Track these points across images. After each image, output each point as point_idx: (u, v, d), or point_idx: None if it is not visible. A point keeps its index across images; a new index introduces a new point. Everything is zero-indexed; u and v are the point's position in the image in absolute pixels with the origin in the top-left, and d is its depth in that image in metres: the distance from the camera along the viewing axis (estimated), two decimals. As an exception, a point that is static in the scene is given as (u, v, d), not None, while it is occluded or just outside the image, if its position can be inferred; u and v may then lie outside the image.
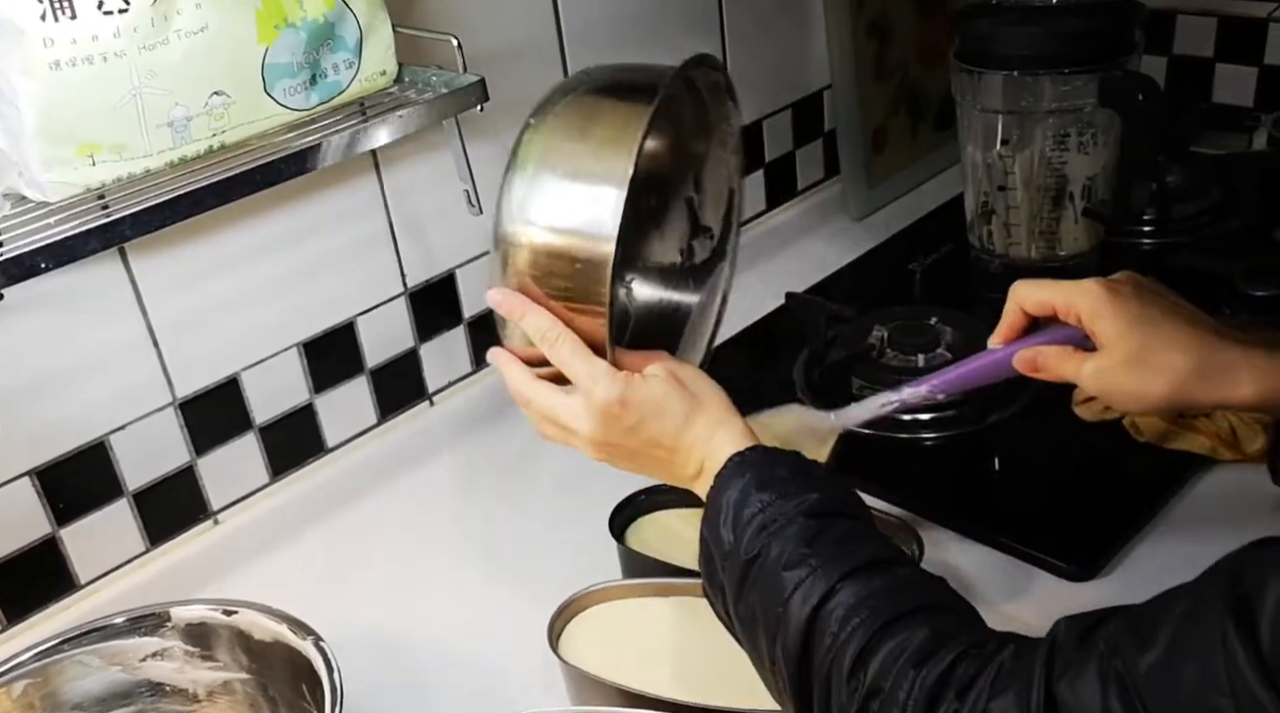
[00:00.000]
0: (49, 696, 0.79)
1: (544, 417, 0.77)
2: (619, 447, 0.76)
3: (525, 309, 0.74)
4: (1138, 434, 1.02)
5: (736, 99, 0.84)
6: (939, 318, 1.17)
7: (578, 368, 0.74)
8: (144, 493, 0.98)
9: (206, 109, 0.80)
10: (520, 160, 0.73)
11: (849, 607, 0.63)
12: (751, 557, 0.67)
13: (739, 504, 0.69)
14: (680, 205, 0.90)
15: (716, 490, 0.71)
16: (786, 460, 0.72)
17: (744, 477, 0.70)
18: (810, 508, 0.67)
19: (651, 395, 0.74)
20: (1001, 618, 0.88)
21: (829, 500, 0.69)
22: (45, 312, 0.89)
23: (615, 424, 0.74)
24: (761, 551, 0.66)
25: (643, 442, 0.75)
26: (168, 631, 0.81)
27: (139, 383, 0.96)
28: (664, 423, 0.74)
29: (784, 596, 0.65)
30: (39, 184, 0.76)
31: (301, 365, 1.06)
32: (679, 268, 0.91)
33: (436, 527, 1.07)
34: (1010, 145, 1.22)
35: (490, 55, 0.99)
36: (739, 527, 0.68)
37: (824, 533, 0.66)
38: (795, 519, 0.67)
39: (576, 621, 0.88)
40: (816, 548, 0.65)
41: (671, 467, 0.76)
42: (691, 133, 0.86)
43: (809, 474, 0.71)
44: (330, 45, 0.86)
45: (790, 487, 0.69)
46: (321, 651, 0.76)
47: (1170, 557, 0.92)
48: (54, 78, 0.72)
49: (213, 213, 0.84)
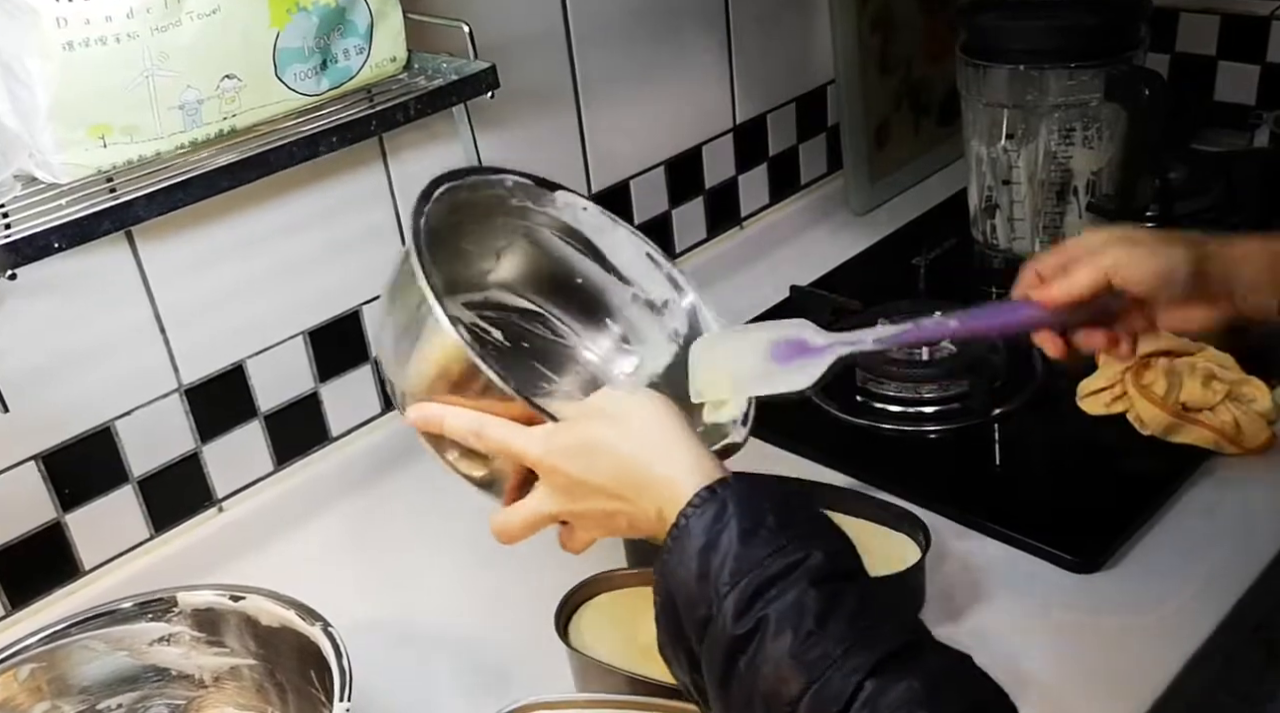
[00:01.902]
0: (56, 679, 0.79)
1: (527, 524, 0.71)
2: (586, 512, 0.68)
3: (443, 413, 0.70)
4: (1142, 427, 1.02)
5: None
6: (943, 312, 1.17)
7: (513, 442, 0.68)
8: (149, 479, 0.98)
9: (218, 92, 0.80)
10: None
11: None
12: (743, 634, 0.56)
13: (720, 560, 0.58)
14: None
15: (679, 535, 0.60)
16: (771, 496, 0.61)
17: (719, 519, 0.59)
18: (815, 573, 0.57)
19: (568, 441, 0.67)
20: (1006, 610, 0.89)
21: (833, 558, 0.59)
22: (53, 296, 0.89)
23: (568, 489, 0.67)
24: (758, 628, 0.56)
25: (592, 493, 0.66)
26: (175, 616, 0.81)
27: (145, 369, 0.96)
28: (594, 464, 0.66)
29: (794, 694, 0.54)
30: (50, 165, 0.75)
31: (307, 354, 1.06)
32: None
33: (441, 515, 1.07)
34: (1015, 140, 1.22)
35: (499, 44, 0.99)
36: (719, 591, 0.57)
37: (837, 608, 0.56)
38: (795, 588, 0.56)
39: (583, 608, 0.88)
40: (829, 632, 0.55)
41: (633, 517, 0.66)
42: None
43: (803, 517, 0.61)
44: (341, 30, 0.86)
45: (783, 537, 0.58)
46: (330, 636, 0.76)
47: (1174, 550, 0.93)
48: (67, 59, 0.72)
49: (219, 199, 0.84)
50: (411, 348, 0.71)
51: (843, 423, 1.11)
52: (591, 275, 0.88)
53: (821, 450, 1.06)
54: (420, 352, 0.70)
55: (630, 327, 0.89)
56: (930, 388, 1.11)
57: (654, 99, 1.25)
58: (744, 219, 1.43)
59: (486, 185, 0.82)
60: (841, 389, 1.13)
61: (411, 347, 0.71)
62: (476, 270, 0.86)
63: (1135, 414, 1.03)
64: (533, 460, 0.68)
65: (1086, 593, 0.90)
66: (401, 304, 0.72)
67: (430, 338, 0.69)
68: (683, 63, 1.26)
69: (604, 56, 1.20)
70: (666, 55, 1.26)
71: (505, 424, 0.68)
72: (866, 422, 1.11)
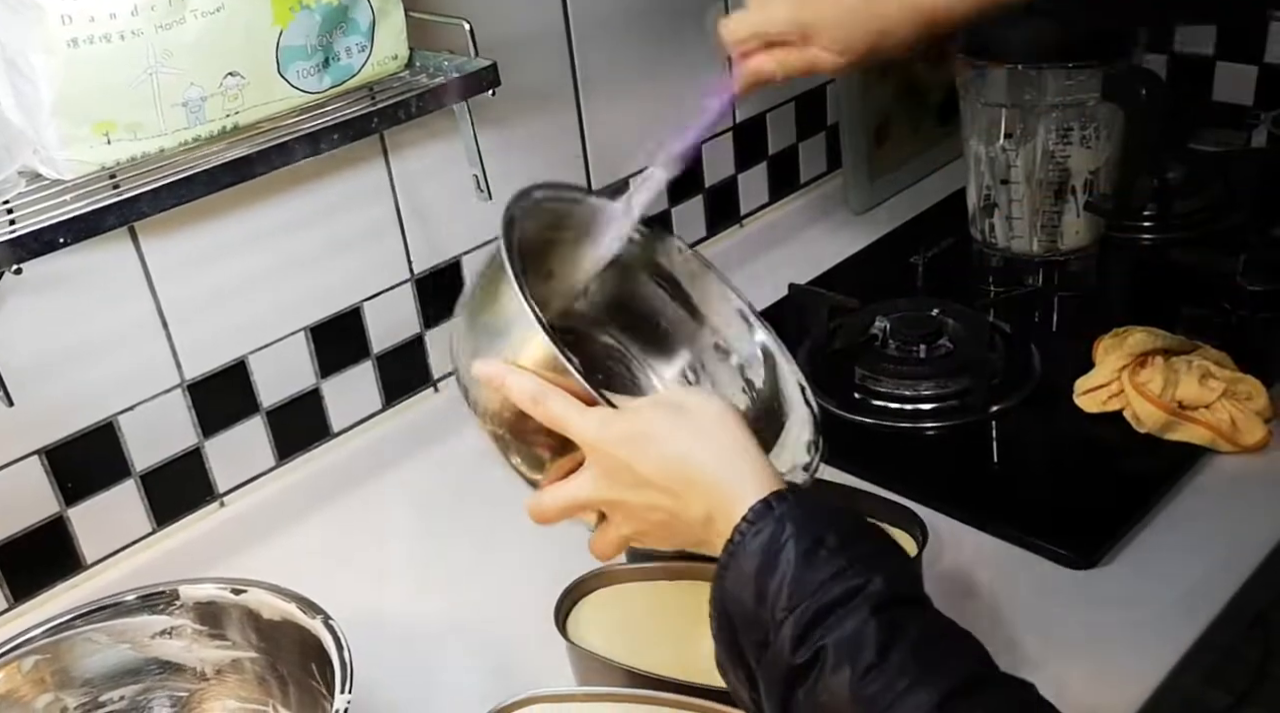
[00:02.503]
0: (59, 671, 0.80)
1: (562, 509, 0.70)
2: (629, 506, 0.66)
3: (505, 375, 0.67)
4: (1139, 425, 1.03)
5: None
6: (941, 310, 1.18)
7: (570, 418, 0.65)
8: (151, 474, 0.99)
9: (221, 90, 0.80)
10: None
11: None
12: (802, 664, 0.55)
13: (777, 583, 0.56)
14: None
15: (735, 553, 0.59)
16: (831, 517, 0.59)
17: (777, 539, 0.57)
18: (878, 600, 0.55)
19: (629, 428, 0.64)
20: (1002, 605, 0.89)
21: (894, 583, 0.56)
22: (56, 291, 0.89)
23: (611, 476, 0.65)
24: (817, 659, 0.54)
25: (640, 486, 0.64)
26: (177, 609, 0.82)
27: (147, 364, 0.97)
28: (648, 455, 0.63)
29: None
30: (55, 161, 0.76)
31: (308, 349, 1.07)
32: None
33: (441, 510, 1.08)
34: (1013, 139, 1.23)
35: (500, 42, 0.99)
36: (776, 615, 0.56)
37: (900, 637, 0.54)
38: (856, 616, 0.54)
39: (583, 603, 0.88)
40: (892, 663, 0.53)
41: (676, 515, 0.64)
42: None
43: (864, 539, 0.59)
44: (344, 28, 0.86)
45: (843, 562, 0.56)
46: (331, 629, 0.77)
47: (1169, 546, 0.93)
48: (72, 55, 0.72)
49: (221, 195, 0.84)
50: (491, 339, 0.70)
51: (841, 420, 1.12)
52: (675, 319, 0.87)
53: (820, 447, 1.07)
54: (500, 341, 0.69)
55: (703, 372, 0.88)
56: (928, 385, 1.11)
57: (654, 97, 1.26)
58: (743, 217, 1.44)
59: (581, 207, 0.81)
60: (840, 386, 1.14)
61: (491, 338, 0.70)
62: (560, 295, 0.84)
63: (1132, 412, 1.04)
64: (585, 440, 0.66)
65: (1082, 589, 0.90)
66: (486, 295, 0.71)
67: (513, 328, 0.68)
68: (682, 61, 1.26)
69: (604, 55, 1.20)
70: (666, 53, 1.26)
71: (567, 398, 0.66)
72: (864, 419, 1.12)
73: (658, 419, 0.64)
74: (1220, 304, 1.17)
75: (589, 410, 0.65)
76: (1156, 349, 1.06)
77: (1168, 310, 1.15)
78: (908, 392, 1.12)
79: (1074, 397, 1.08)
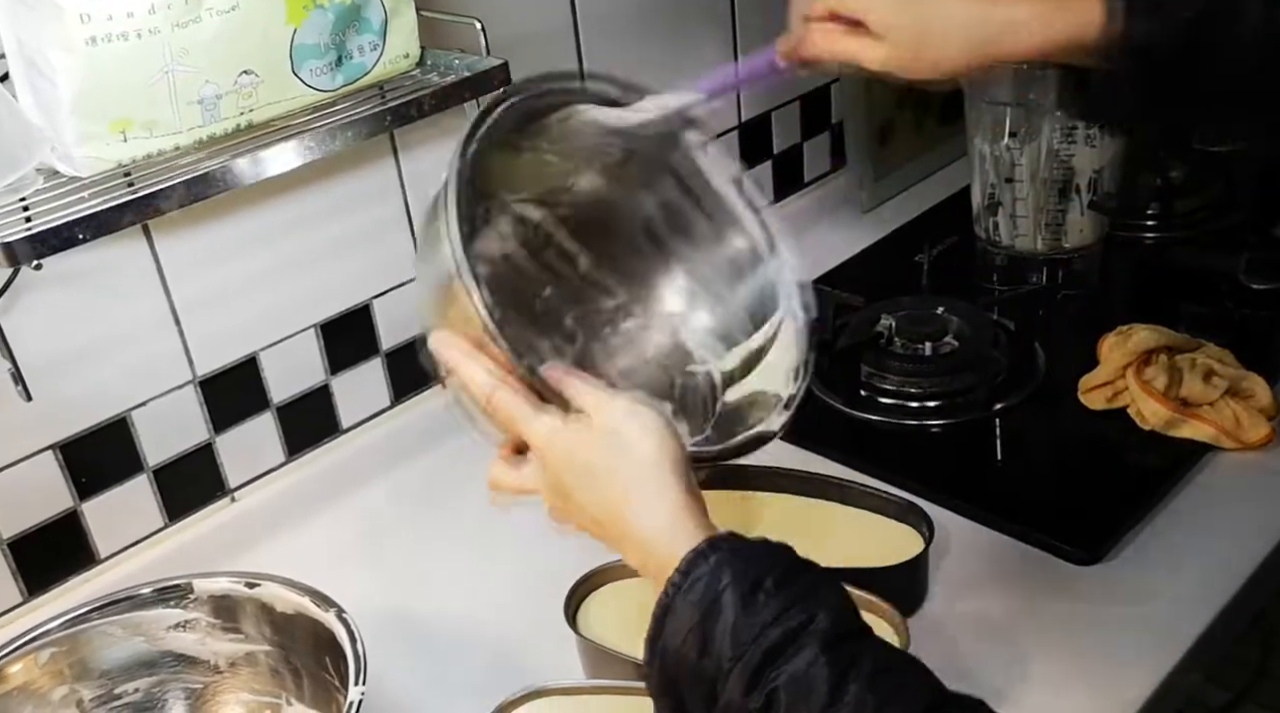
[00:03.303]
0: (76, 663, 0.81)
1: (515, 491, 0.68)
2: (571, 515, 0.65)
3: (459, 364, 0.64)
4: (1143, 422, 1.04)
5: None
6: (945, 308, 1.19)
7: (518, 422, 0.63)
8: (163, 469, 1.00)
9: (236, 88, 0.81)
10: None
11: None
12: (757, 709, 0.54)
13: (721, 628, 0.55)
14: None
15: (671, 605, 0.57)
16: (767, 558, 0.58)
17: (716, 588, 0.56)
18: (825, 637, 0.54)
19: (569, 445, 0.63)
20: (1007, 600, 0.90)
21: (840, 619, 0.56)
22: (70, 288, 0.90)
23: (554, 486, 0.64)
24: (772, 702, 0.53)
25: (578, 507, 0.64)
26: (192, 602, 0.83)
27: (160, 360, 0.98)
28: (586, 483, 0.62)
29: None
30: (72, 158, 0.77)
31: (318, 346, 1.08)
32: None
33: (450, 506, 1.08)
34: (1018, 138, 1.24)
35: (510, 41, 1.00)
36: (723, 663, 0.55)
37: (853, 673, 0.53)
38: (804, 653, 0.54)
39: (592, 596, 0.89)
40: (853, 695, 0.53)
41: (614, 542, 0.64)
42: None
43: (802, 575, 0.58)
44: (356, 27, 0.87)
45: (784, 601, 0.55)
46: (344, 622, 0.77)
47: (1173, 543, 0.94)
48: (90, 54, 0.73)
49: (233, 192, 0.85)
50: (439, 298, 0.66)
51: (847, 417, 1.13)
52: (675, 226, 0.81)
53: (826, 443, 1.07)
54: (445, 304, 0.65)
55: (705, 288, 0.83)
56: (933, 383, 1.12)
57: (660, 96, 1.26)
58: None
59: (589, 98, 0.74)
60: (846, 384, 1.15)
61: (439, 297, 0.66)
62: (548, 184, 0.77)
63: (1136, 409, 1.04)
64: (534, 445, 0.64)
65: (1086, 585, 0.91)
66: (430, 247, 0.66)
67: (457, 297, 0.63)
68: (689, 59, 1.27)
69: (611, 53, 1.21)
70: (672, 52, 1.27)
71: (516, 400, 0.63)
72: (870, 416, 1.12)
73: (598, 452, 0.62)
74: (1223, 302, 1.18)
75: (540, 415, 0.63)
76: (1160, 347, 1.06)
77: (1171, 308, 1.16)
78: (913, 389, 1.13)
79: (1078, 394, 1.09)
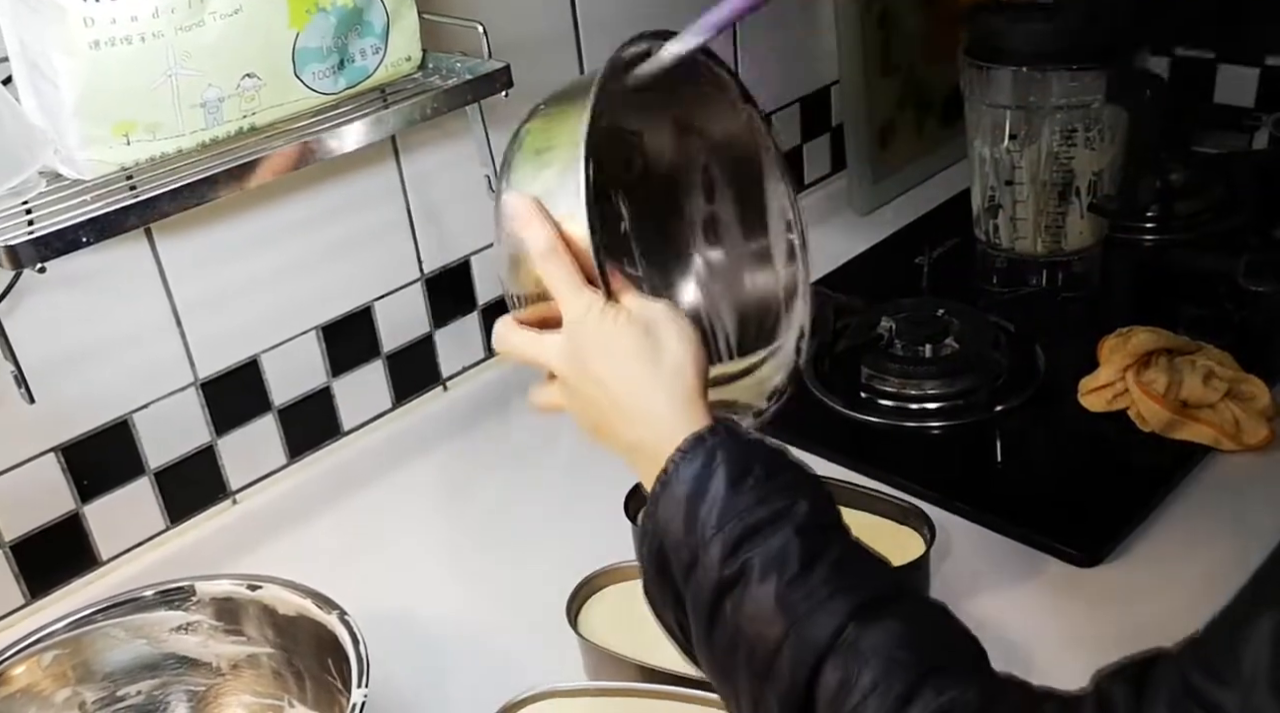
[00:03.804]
0: (79, 665, 0.81)
1: (525, 357, 0.71)
2: (576, 393, 0.68)
3: (531, 219, 0.67)
4: (1143, 424, 1.04)
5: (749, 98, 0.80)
6: (946, 310, 1.19)
7: (562, 289, 0.66)
8: (165, 471, 1.00)
9: (238, 91, 0.81)
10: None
11: (863, 657, 0.55)
12: (729, 577, 0.58)
13: (708, 506, 0.59)
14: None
15: (668, 480, 0.61)
16: (759, 448, 0.62)
17: (708, 467, 0.60)
18: (802, 522, 0.59)
19: (603, 332, 0.65)
20: (1009, 602, 0.90)
21: (819, 510, 0.60)
22: (72, 291, 0.90)
23: (574, 357, 0.67)
24: (742, 573, 0.58)
25: (591, 383, 0.66)
26: (194, 605, 0.83)
27: (162, 362, 0.98)
28: (606, 366, 0.65)
29: (777, 635, 0.56)
30: (75, 162, 0.77)
31: (320, 348, 1.08)
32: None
33: (451, 509, 1.09)
34: (1017, 141, 1.24)
35: (512, 43, 1.00)
36: (705, 535, 0.59)
37: (821, 557, 0.58)
38: (780, 535, 0.58)
39: (594, 599, 0.89)
40: (815, 577, 0.57)
41: (613, 425, 0.66)
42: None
43: (788, 469, 0.62)
44: (359, 30, 0.87)
45: (770, 488, 0.60)
46: (347, 624, 0.77)
47: (1174, 544, 0.94)
48: (93, 57, 0.73)
49: (235, 195, 0.85)
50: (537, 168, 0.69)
51: (847, 419, 1.13)
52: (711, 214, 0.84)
53: (827, 446, 1.08)
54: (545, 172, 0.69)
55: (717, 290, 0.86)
56: (934, 385, 1.12)
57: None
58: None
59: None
60: (846, 385, 1.15)
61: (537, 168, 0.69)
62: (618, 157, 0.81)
63: (1136, 411, 1.05)
64: (566, 318, 0.67)
65: (1088, 586, 0.91)
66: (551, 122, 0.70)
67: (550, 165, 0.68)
68: (690, 63, 1.27)
69: (612, 56, 1.21)
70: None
71: (568, 270, 0.66)
72: (871, 418, 1.13)
73: (630, 339, 0.65)
74: (1222, 304, 1.18)
75: (583, 291, 0.66)
76: (1160, 349, 1.07)
77: (1171, 310, 1.16)
78: (913, 391, 1.13)
79: (1078, 396, 1.09)
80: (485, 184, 1.04)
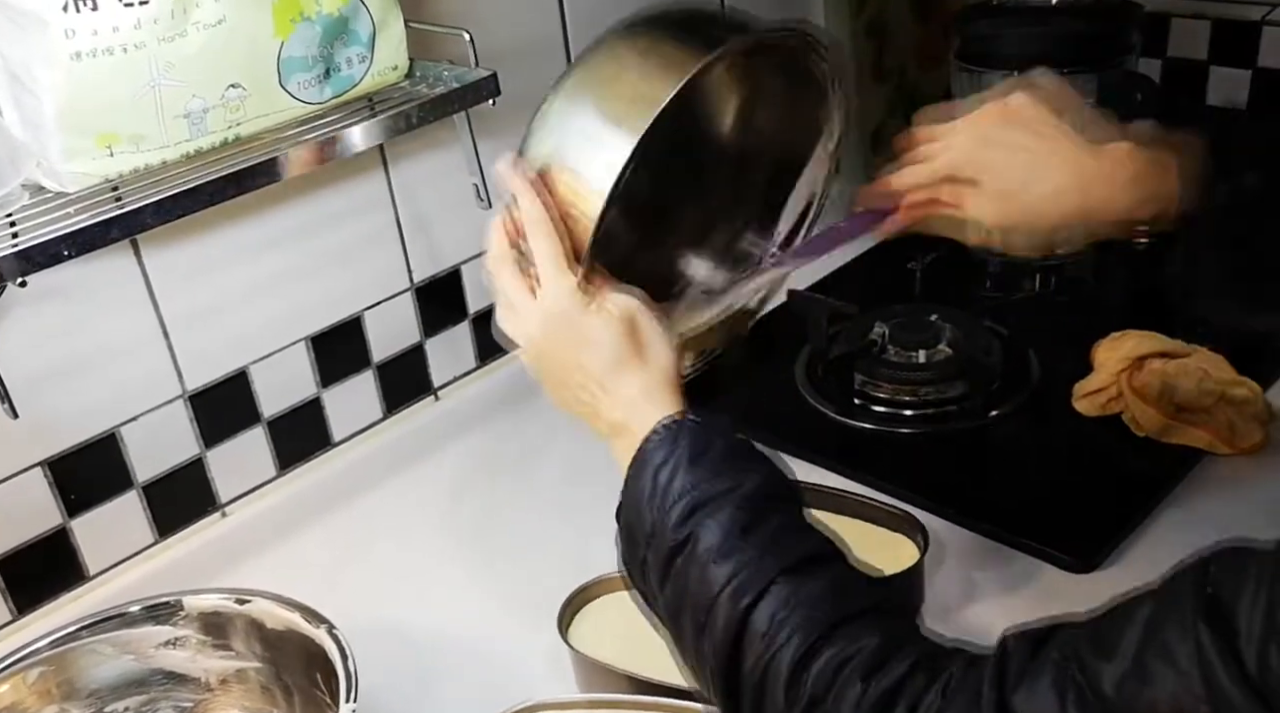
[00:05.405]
0: (64, 682, 0.80)
1: (504, 298, 0.74)
2: (552, 361, 0.73)
3: (524, 188, 0.70)
4: (1137, 429, 1.04)
5: (838, 91, 0.82)
6: (939, 315, 1.19)
7: (545, 267, 0.70)
8: (153, 485, 0.99)
9: (223, 101, 0.81)
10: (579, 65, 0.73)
11: (786, 608, 0.59)
12: (678, 543, 0.63)
13: (668, 479, 0.65)
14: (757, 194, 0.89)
15: (641, 460, 0.67)
16: (722, 434, 0.67)
17: (674, 448, 0.66)
18: (746, 494, 0.64)
19: (590, 324, 0.70)
20: (1003, 609, 0.90)
21: (766, 486, 0.65)
22: (58, 303, 0.90)
23: (554, 336, 0.71)
24: (690, 538, 0.63)
25: (573, 366, 0.71)
26: (182, 619, 0.82)
27: (150, 375, 0.97)
28: (593, 357, 0.70)
29: (713, 591, 0.61)
30: (58, 174, 0.76)
31: (309, 359, 1.07)
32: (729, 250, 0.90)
33: (442, 519, 1.08)
34: (1010, 145, 1.23)
35: (499, 51, 1.00)
36: (665, 505, 0.65)
37: (759, 524, 0.63)
38: (728, 505, 0.63)
39: (585, 610, 0.89)
40: (751, 540, 0.62)
41: (596, 408, 0.71)
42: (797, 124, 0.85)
43: (746, 454, 0.67)
44: (344, 39, 0.87)
45: (724, 466, 0.65)
46: (335, 638, 0.77)
47: (1169, 548, 0.93)
48: (75, 69, 0.73)
49: (222, 207, 0.84)
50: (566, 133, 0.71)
51: (841, 425, 1.12)
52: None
53: (820, 453, 1.07)
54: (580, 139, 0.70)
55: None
56: (927, 391, 1.12)
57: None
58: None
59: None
60: (839, 392, 1.14)
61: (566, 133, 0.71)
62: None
63: (1130, 416, 1.04)
64: (546, 292, 0.71)
65: (1083, 592, 0.91)
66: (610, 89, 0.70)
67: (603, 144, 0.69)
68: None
69: (602, 64, 1.21)
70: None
71: (553, 249, 0.70)
72: (864, 424, 1.12)
73: (615, 336, 0.70)
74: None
75: (564, 273, 0.70)
76: (1154, 353, 1.06)
77: (1164, 314, 1.15)
78: (907, 397, 1.12)
79: (1072, 401, 1.08)
80: (474, 192, 1.04)
